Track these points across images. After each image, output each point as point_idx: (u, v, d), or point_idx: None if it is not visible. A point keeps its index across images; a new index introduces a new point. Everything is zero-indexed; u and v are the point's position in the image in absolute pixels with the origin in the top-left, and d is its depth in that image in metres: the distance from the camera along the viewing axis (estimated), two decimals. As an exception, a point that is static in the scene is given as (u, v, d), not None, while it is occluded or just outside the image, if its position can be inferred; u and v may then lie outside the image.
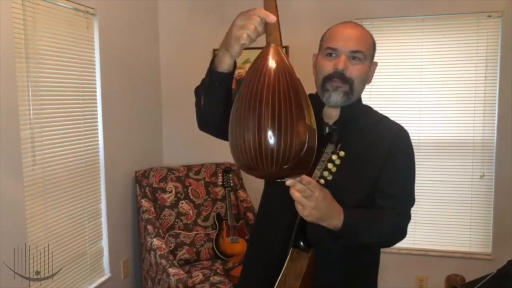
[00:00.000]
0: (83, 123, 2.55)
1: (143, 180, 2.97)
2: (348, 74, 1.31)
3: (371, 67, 1.43)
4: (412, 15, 2.98)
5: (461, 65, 2.95)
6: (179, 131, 3.49)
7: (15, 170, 2.02)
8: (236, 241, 2.90)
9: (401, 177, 1.34)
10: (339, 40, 1.33)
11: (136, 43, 3.11)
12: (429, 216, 3.10)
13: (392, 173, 1.31)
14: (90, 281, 2.64)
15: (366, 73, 1.38)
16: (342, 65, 1.30)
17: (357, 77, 1.33)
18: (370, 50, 1.40)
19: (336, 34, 1.36)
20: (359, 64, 1.33)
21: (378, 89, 3.10)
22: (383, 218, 1.27)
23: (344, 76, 1.31)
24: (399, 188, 1.33)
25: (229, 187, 3.05)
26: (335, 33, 1.36)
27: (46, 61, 2.25)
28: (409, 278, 3.14)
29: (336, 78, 1.31)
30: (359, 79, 1.34)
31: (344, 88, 1.32)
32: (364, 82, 1.40)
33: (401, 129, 1.47)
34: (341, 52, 1.31)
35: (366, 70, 1.37)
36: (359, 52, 1.33)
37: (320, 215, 1.11)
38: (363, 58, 1.34)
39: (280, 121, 0.98)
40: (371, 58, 1.41)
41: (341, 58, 1.31)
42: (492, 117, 2.93)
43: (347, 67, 1.31)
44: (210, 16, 3.34)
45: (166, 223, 2.91)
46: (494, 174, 2.95)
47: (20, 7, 2.07)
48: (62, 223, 2.38)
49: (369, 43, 1.40)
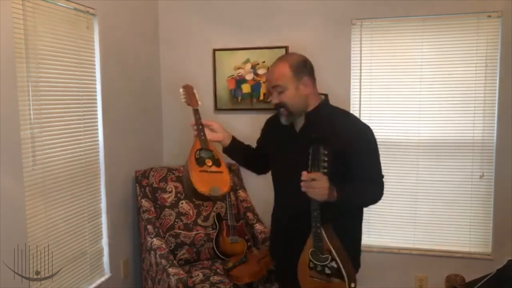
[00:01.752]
0: (83, 123, 2.55)
1: (143, 180, 2.97)
2: (280, 102, 1.82)
3: (298, 86, 1.81)
4: (412, 15, 2.98)
5: (461, 65, 2.95)
6: (179, 131, 3.49)
7: (15, 170, 2.03)
8: (236, 241, 2.90)
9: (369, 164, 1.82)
10: (267, 81, 1.89)
11: (136, 43, 3.11)
12: (429, 216, 3.10)
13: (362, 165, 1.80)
14: (90, 281, 2.64)
15: (293, 95, 1.80)
16: (273, 101, 1.85)
17: (286, 101, 1.81)
18: (287, 78, 1.80)
19: (266, 75, 1.99)
20: (282, 92, 1.80)
21: (378, 89, 3.11)
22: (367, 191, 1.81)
23: (278, 105, 1.83)
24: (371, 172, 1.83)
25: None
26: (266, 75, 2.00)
27: (46, 61, 2.26)
28: (409, 278, 3.15)
29: (275, 108, 1.87)
30: (289, 101, 1.81)
31: (283, 112, 1.84)
32: (297, 100, 1.81)
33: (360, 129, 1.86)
34: (270, 90, 1.86)
35: (291, 93, 1.80)
36: (277, 86, 1.81)
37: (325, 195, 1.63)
38: (282, 88, 1.80)
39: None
40: (292, 82, 1.80)
41: (272, 95, 1.85)
42: (492, 117, 2.93)
43: (276, 98, 1.83)
44: (210, 16, 3.34)
45: (166, 223, 2.91)
46: (494, 174, 2.96)
47: (20, 7, 2.07)
48: (62, 223, 2.38)
49: (285, 73, 1.80)
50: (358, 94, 3.13)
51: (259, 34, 3.25)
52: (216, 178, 1.87)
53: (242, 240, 2.92)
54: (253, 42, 3.25)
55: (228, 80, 3.32)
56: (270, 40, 3.22)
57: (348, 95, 3.13)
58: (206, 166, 1.87)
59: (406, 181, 3.11)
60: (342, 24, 3.10)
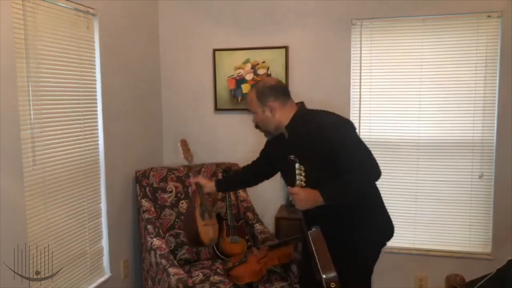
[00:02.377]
0: (83, 123, 2.55)
1: (143, 180, 2.97)
2: (255, 123, 2.19)
3: (265, 111, 2.10)
4: (412, 15, 2.98)
5: (461, 65, 2.95)
6: (179, 131, 3.49)
7: (15, 170, 2.03)
8: (236, 241, 2.90)
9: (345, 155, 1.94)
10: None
11: (136, 43, 3.11)
12: (429, 216, 3.10)
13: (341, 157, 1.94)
14: (90, 281, 2.64)
15: (261, 117, 2.12)
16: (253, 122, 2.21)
17: (258, 122, 2.17)
18: (255, 104, 2.12)
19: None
20: (254, 115, 2.16)
21: (378, 89, 3.11)
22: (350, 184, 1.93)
23: (256, 126, 2.20)
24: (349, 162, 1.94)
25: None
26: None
27: (46, 61, 2.26)
28: (409, 278, 3.15)
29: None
30: (260, 122, 2.16)
31: (261, 130, 2.20)
32: (266, 120, 2.12)
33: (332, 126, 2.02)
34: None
35: (259, 115, 2.12)
36: (250, 111, 2.18)
37: (308, 204, 1.90)
38: (253, 111, 2.15)
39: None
40: (260, 107, 2.11)
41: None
42: (492, 117, 2.93)
43: (253, 120, 2.19)
44: (210, 16, 3.34)
45: (166, 223, 2.91)
46: (494, 174, 2.96)
47: (20, 7, 2.07)
48: (62, 223, 2.39)
49: (252, 101, 2.13)
50: (358, 94, 3.13)
51: (259, 34, 3.25)
52: (212, 230, 2.43)
53: (242, 240, 2.92)
54: (253, 42, 3.25)
55: (228, 80, 3.32)
56: (270, 40, 3.22)
57: (348, 95, 3.13)
58: (207, 220, 2.38)
59: (406, 181, 3.11)
60: (342, 24, 3.10)
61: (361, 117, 3.13)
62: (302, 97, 3.22)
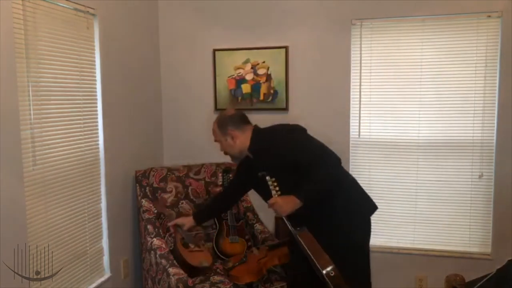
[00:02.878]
0: (83, 123, 2.55)
1: (143, 180, 2.97)
2: (223, 151, 2.41)
3: (227, 139, 2.33)
4: (412, 15, 2.98)
5: (461, 65, 2.95)
6: (179, 131, 3.49)
7: (15, 170, 2.03)
8: (235, 241, 2.90)
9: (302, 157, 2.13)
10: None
11: (136, 43, 3.11)
12: (429, 216, 3.10)
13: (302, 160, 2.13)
14: (90, 281, 2.64)
15: (225, 144, 2.35)
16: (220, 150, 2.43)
17: (224, 149, 2.39)
18: (217, 134, 2.36)
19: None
20: (220, 144, 2.39)
21: (378, 89, 3.11)
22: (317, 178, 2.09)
23: (225, 152, 2.41)
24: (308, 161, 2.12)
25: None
26: None
27: (46, 61, 2.26)
28: (409, 278, 3.15)
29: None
30: (226, 149, 2.38)
31: (228, 156, 2.43)
32: (230, 148, 2.36)
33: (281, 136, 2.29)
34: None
35: (223, 143, 2.36)
36: (215, 140, 2.41)
37: (288, 208, 2.09)
38: (217, 140, 2.39)
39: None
40: (222, 136, 2.34)
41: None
42: (492, 117, 2.93)
43: (220, 148, 2.41)
44: (210, 16, 3.34)
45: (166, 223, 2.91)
46: (494, 174, 2.96)
47: (21, 7, 2.07)
48: (62, 223, 2.39)
49: (215, 132, 2.38)
50: (358, 94, 3.13)
51: (259, 34, 3.25)
52: (200, 255, 2.65)
53: (242, 240, 2.92)
54: (253, 42, 3.25)
55: (228, 80, 3.32)
56: (270, 40, 3.22)
57: (348, 95, 3.13)
58: (190, 248, 2.67)
59: (406, 181, 3.11)
60: (342, 24, 3.10)
61: (361, 117, 3.13)
62: (302, 97, 3.24)
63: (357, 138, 3.16)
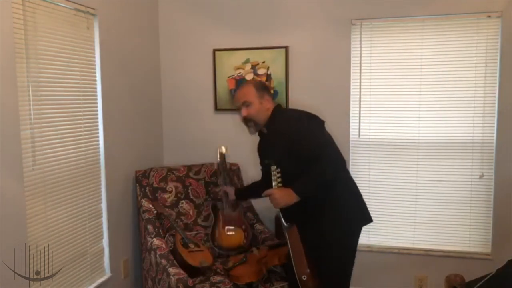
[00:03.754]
0: (83, 123, 2.55)
1: (143, 180, 2.97)
2: (247, 117, 2.33)
3: (262, 102, 2.31)
4: (412, 15, 2.98)
5: (461, 65, 2.95)
6: (179, 131, 3.49)
7: (15, 170, 2.03)
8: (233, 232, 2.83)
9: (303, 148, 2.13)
10: (235, 101, 2.44)
11: (136, 43, 3.11)
12: (429, 216, 3.10)
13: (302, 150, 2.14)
14: (90, 281, 2.64)
15: (257, 109, 2.31)
16: (242, 114, 2.35)
17: (252, 114, 2.32)
18: (252, 95, 2.31)
19: (233, 98, 2.52)
20: (249, 107, 2.32)
21: (378, 89, 3.11)
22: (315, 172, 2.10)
23: (246, 119, 2.34)
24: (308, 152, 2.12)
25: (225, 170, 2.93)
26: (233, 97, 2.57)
27: (46, 61, 2.26)
28: (409, 278, 3.15)
29: (244, 122, 2.38)
30: (254, 114, 2.32)
31: (250, 123, 2.36)
32: (260, 112, 2.31)
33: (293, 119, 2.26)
34: (238, 107, 2.38)
35: (256, 107, 2.31)
36: (245, 102, 2.33)
37: (283, 202, 2.14)
38: (249, 103, 2.31)
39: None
40: (257, 97, 2.31)
41: (241, 111, 2.35)
42: (492, 117, 2.93)
43: (246, 112, 2.32)
44: (210, 16, 3.34)
45: (166, 223, 2.91)
46: (494, 174, 2.96)
47: (21, 7, 2.07)
48: (62, 223, 2.39)
49: (250, 92, 2.32)
50: (358, 94, 3.13)
51: (259, 34, 3.25)
52: (200, 255, 2.67)
53: (239, 230, 2.84)
54: (253, 42, 3.25)
55: (228, 80, 3.32)
56: (270, 40, 3.22)
57: (348, 95, 3.13)
58: (190, 248, 2.68)
59: (406, 181, 3.11)
60: (342, 25, 3.10)
61: (361, 117, 3.14)
62: (302, 97, 3.24)
63: (357, 138, 3.16)
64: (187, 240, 2.73)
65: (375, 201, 3.13)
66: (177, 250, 2.64)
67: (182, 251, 2.64)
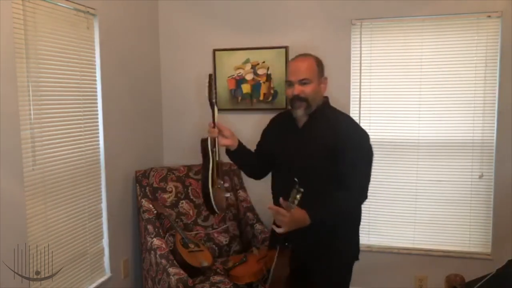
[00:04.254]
0: (83, 123, 2.55)
1: (143, 180, 2.97)
2: (302, 95, 1.95)
3: (321, 83, 2.01)
4: (412, 15, 2.98)
5: (461, 65, 2.95)
6: (179, 131, 3.49)
7: (15, 170, 2.03)
8: (223, 189, 2.29)
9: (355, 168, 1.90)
10: (291, 74, 1.99)
11: (136, 43, 3.11)
12: (429, 216, 3.10)
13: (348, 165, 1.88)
14: (90, 281, 2.64)
15: (316, 90, 1.97)
16: (296, 92, 1.96)
17: (309, 94, 1.96)
18: (315, 73, 1.97)
19: (290, 70, 2.01)
20: (308, 86, 1.95)
21: (378, 89, 3.11)
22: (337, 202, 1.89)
23: (300, 97, 1.95)
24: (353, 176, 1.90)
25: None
26: (289, 69, 2.02)
27: (46, 61, 2.26)
28: (409, 278, 3.15)
29: (295, 100, 1.97)
30: (311, 95, 1.96)
31: (303, 105, 1.97)
32: (317, 96, 1.99)
33: (354, 127, 2.00)
34: (294, 82, 1.97)
35: (315, 88, 1.97)
36: (306, 79, 1.95)
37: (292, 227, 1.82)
38: (309, 81, 1.95)
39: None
40: (318, 77, 1.99)
41: (295, 87, 1.96)
42: (492, 117, 2.93)
43: (300, 91, 1.95)
44: (210, 16, 3.34)
45: (166, 223, 2.91)
46: (494, 174, 2.96)
47: (21, 7, 2.07)
48: (62, 223, 2.39)
49: (314, 69, 1.97)
50: (358, 94, 3.13)
51: (259, 34, 3.25)
52: (200, 255, 2.66)
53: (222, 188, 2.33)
54: (253, 42, 3.25)
55: (228, 80, 3.32)
56: (270, 40, 3.22)
57: (348, 95, 3.13)
58: (190, 248, 2.68)
59: (406, 181, 3.11)
60: (342, 24, 3.10)
61: (361, 117, 3.13)
62: (302, 97, 3.24)
63: (357, 138, 3.16)
64: (187, 240, 2.73)
65: (375, 201, 3.13)
66: (177, 250, 2.64)
67: (182, 251, 2.64)
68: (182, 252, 2.63)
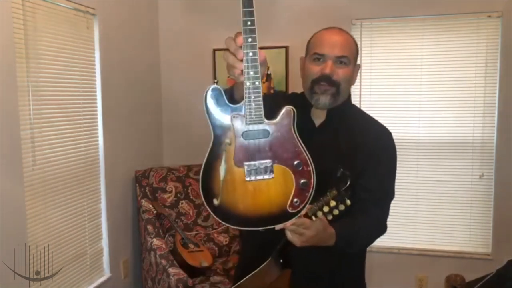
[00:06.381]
0: (83, 123, 2.55)
1: (143, 180, 2.97)
2: (335, 77, 1.39)
3: (355, 69, 1.48)
4: (412, 15, 2.98)
5: (461, 65, 2.95)
6: (179, 131, 3.49)
7: (15, 170, 2.02)
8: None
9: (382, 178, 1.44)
10: (325, 46, 1.44)
11: (136, 43, 3.11)
12: (429, 216, 3.10)
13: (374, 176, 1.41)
14: (90, 281, 2.64)
15: (351, 76, 1.44)
16: (329, 70, 1.39)
17: (343, 79, 1.41)
18: (354, 54, 1.46)
19: (323, 40, 1.47)
20: (344, 67, 1.41)
21: (378, 89, 3.10)
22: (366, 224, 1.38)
23: (331, 80, 1.39)
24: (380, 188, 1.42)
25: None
26: (322, 39, 1.48)
27: (46, 61, 2.26)
28: (409, 278, 3.15)
29: (323, 81, 1.40)
30: (345, 81, 1.42)
31: (331, 90, 1.41)
32: (349, 84, 1.47)
33: (385, 131, 1.51)
34: (328, 57, 1.41)
35: (350, 73, 1.43)
36: (345, 57, 1.41)
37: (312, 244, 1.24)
38: (348, 62, 1.41)
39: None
40: (355, 61, 1.47)
41: (328, 63, 1.40)
42: (492, 117, 2.93)
43: (334, 71, 1.39)
44: (210, 16, 3.34)
45: (166, 223, 2.91)
46: (494, 174, 2.96)
47: (20, 7, 2.07)
48: (62, 223, 2.38)
49: (353, 48, 1.47)
50: (358, 94, 3.12)
51: (259, 34, 3.23)
52: (200, 255, 2.66)
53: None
54: (253, 42, 3.24)
55: (228, 80, 3.31)
56: (270, 40, 3.21)
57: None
58: (190, 248, 2.69)
59: (406, 181, 3.11)
60: (342, 24, 3.04)
61: (361, 117, 3.13)
62: (302, 97, 3.24)
63: (357, 138, 3.16)
64: (187, 240, 2.73)
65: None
66: (177, 250, 2.64)
67: (182, 251, 2.64)
68: (182, 252, 2.63)
